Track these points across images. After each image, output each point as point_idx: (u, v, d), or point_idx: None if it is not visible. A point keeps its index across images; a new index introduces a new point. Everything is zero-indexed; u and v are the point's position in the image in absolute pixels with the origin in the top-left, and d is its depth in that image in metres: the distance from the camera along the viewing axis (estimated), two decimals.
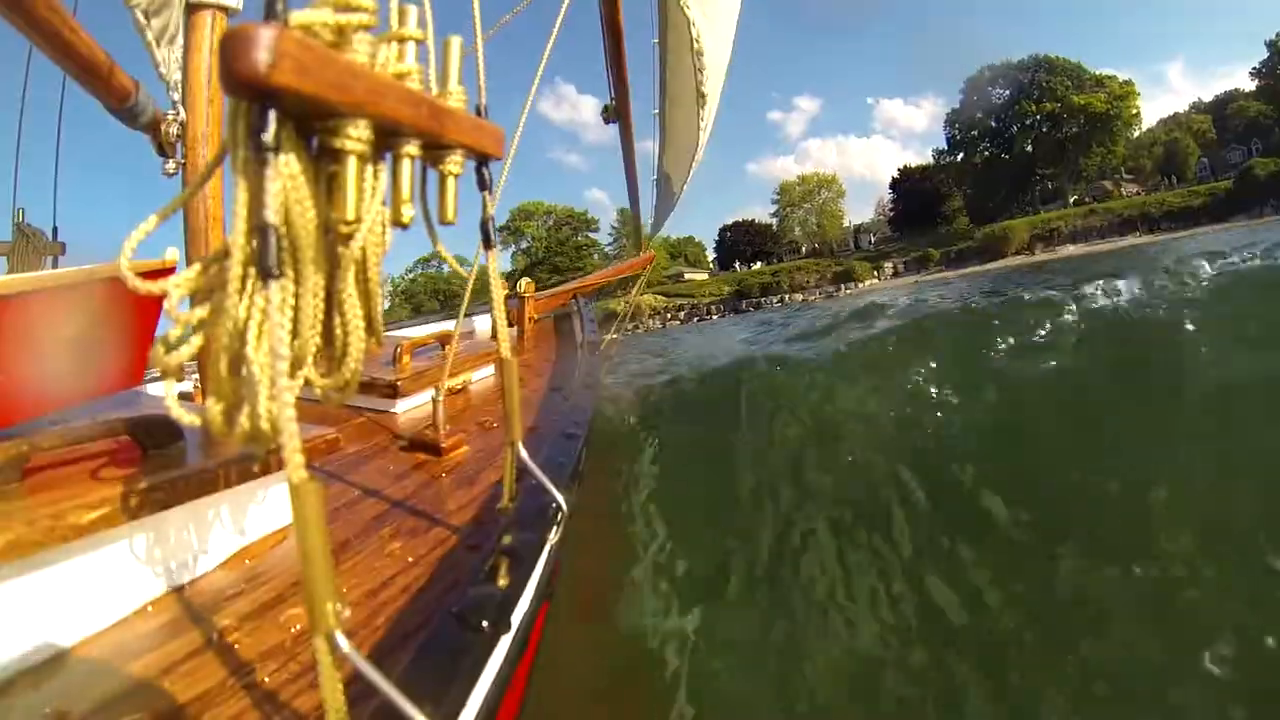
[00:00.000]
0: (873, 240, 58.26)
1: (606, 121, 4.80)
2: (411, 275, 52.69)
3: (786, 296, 46.27)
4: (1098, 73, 48.18)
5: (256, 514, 1.05)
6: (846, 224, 59.03)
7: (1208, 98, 53.45)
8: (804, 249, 57.80)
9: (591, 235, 56.28)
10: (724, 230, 61.20)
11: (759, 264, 55.82)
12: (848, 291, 44.40)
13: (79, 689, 0.71)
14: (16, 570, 0.74)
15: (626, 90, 4.50)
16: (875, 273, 47.79)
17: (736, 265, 57.55)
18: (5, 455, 0.85)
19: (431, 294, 50.74)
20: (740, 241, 58.83)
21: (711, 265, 61.52)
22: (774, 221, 59.29)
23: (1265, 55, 47.79)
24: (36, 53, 1.49)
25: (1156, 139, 50.16)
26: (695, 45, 3.92)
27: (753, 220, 60.75)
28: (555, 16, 1.92)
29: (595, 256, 54.68)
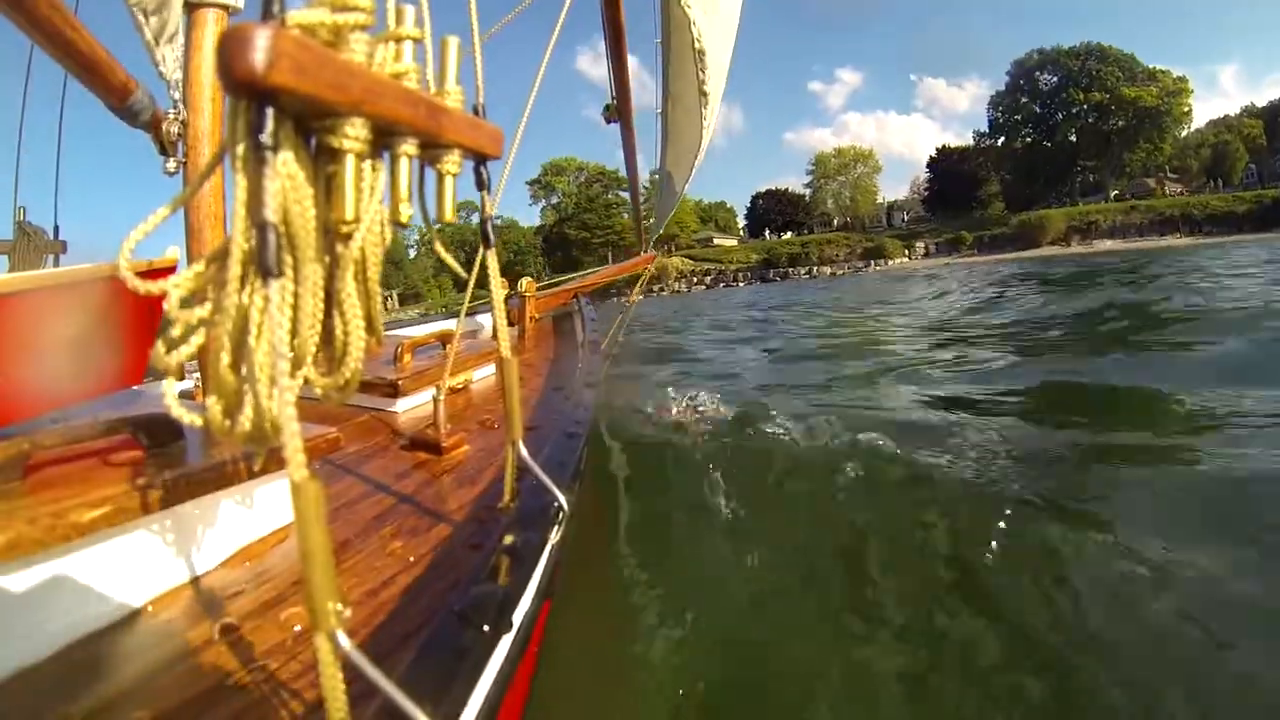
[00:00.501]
0: (905, 219, 57.81)
1: (608, 121, 4.79)
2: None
3: (815, 269, 45.93)
4: (1151, 67, 47.02)
5: (257, 513, 1.05)
6: (880, 200, 58.73)
7: (1261, 103, 52.70)
8: (835, 222, 57.38)
9: (622, 194, 56.04)
10: (756, 197, 60.74)
11: (789, 234, 55.31)
12: (877, 268, 43.94)
13: (79, 688, 0.71)
14: (17, 569, 0.74)
15: (628, 90, 4.49)
16: (906, 251, 47.27)
17: (767, 233, 56.93)
18: (6, 454, 0.85)
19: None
20: (772, 210, 58.43)
21: (741, 232, 60.88)
22: (807, 192, 58.83)
23: None
24: (37, 51, 1.49)
25: (1204, 140, 49.32)
26: (696, 45, 3.92)
27: (786, 189, 60.32)
28: (556, 16, 1.92)
29: (625, 215, 54.65)
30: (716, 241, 53.34)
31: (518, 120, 1.42)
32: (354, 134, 0.48)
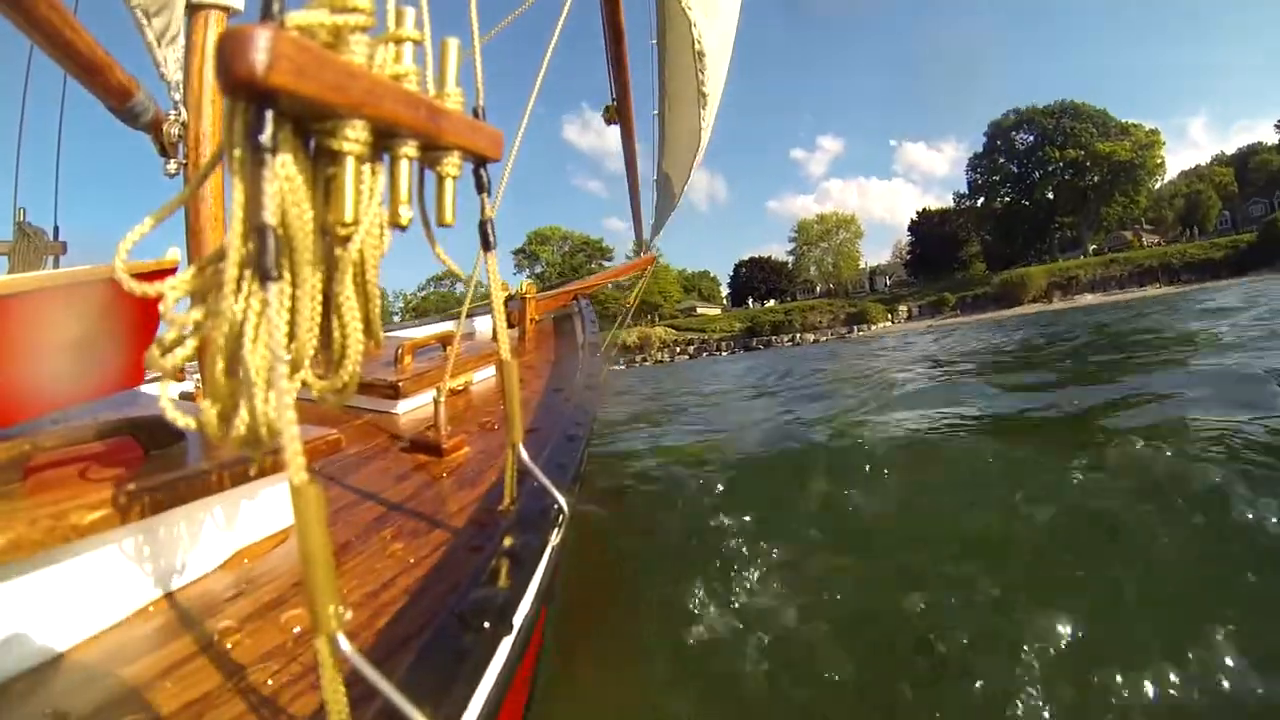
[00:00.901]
0: (888, 283, 58.52)
1: (608, 123, 4.79)
2: (424, 293, 53.54)
3: (798, 335, 46.14)
4: (1124, 121, 48.11)
5: (257, 515, 1.05)
6: (863, 265, 59.33)
7: (1230, 150, 53.75)
8: (818, 289, 58.12)
9: (606, 264, 56.68)
10: (739, 266, 61.29)
11: (772, 301, 56.00)
12: (860, 333, 44.23)
13: (79, 690, 0.71)
14: (17, 570, 0.74)
15: (628, 91, 4.49)
16: (889, 315, 47.58)
17: (750, 302, 57.69)
18: (6, 455, 0.85)
19: (441, 311, 50.50)
20: (755, 278, 59.06)
21: (725, 301, 61.67)
22: (790, 260, 59.45)
23: None
24: (37, 52, 1.49)
25: (1178, 191, 50.36)
26: (696, 45, 3.91)
27: (768, 257, 60.88)
28: (556, 18, 1.92)
29: (609, 287, 54.90)
30: (700, 310, 53.74)
31: (515, 123, 1.42)
32: (354, 136, 0.48)
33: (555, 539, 0.97)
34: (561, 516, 1.00)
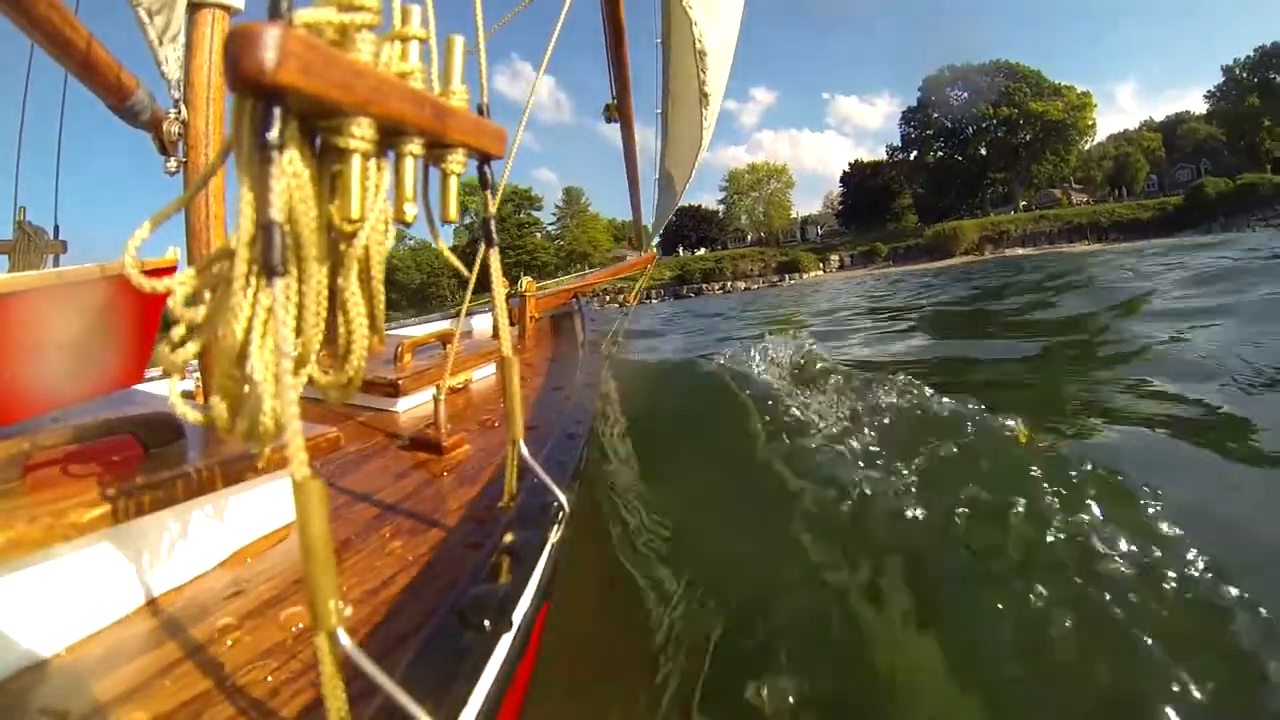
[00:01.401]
0: (820, 233, 58.46)
1: (608, 120, 4.80)
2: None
3: (729, 284, 45.82)
4: (1056, 83, 49.14)
5: (257, 512, 1.05)
6: (794, 215, 59.23)
7: (1159, 117, 55.46)
8: (749, 238, 57.80)
9: (534, 214, 56.14)
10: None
11: (703, 250, 55.55)
12: (791, 281, 44.03)
13: (79, 687, 0.71)
14: (17, 568, 0.74)
15: (628, 90, 4.50)
16: (821, 264, 47.49)
17: (680, 250, 57.14)
18: (6, 453, 0.85)
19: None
20: (686, 227, 58.54)
21: (656, 250, 61.92)
22: (721, 209, 59.19)
23: (1220, 80, 49.44)
24: (38, 51, 1.49)
25: (1106, 153, 51.76)
26: (698, 45, 3.92)
27: (699, 206, 60.15)
28: (557, 16, 1.92)
29: (538, 235, 54.72)
30: (630, 259, 53.39)
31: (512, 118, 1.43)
32: (360, 133, 0.48)
33: (555, 536, 0.97)
34: (562, 513, 1.00)
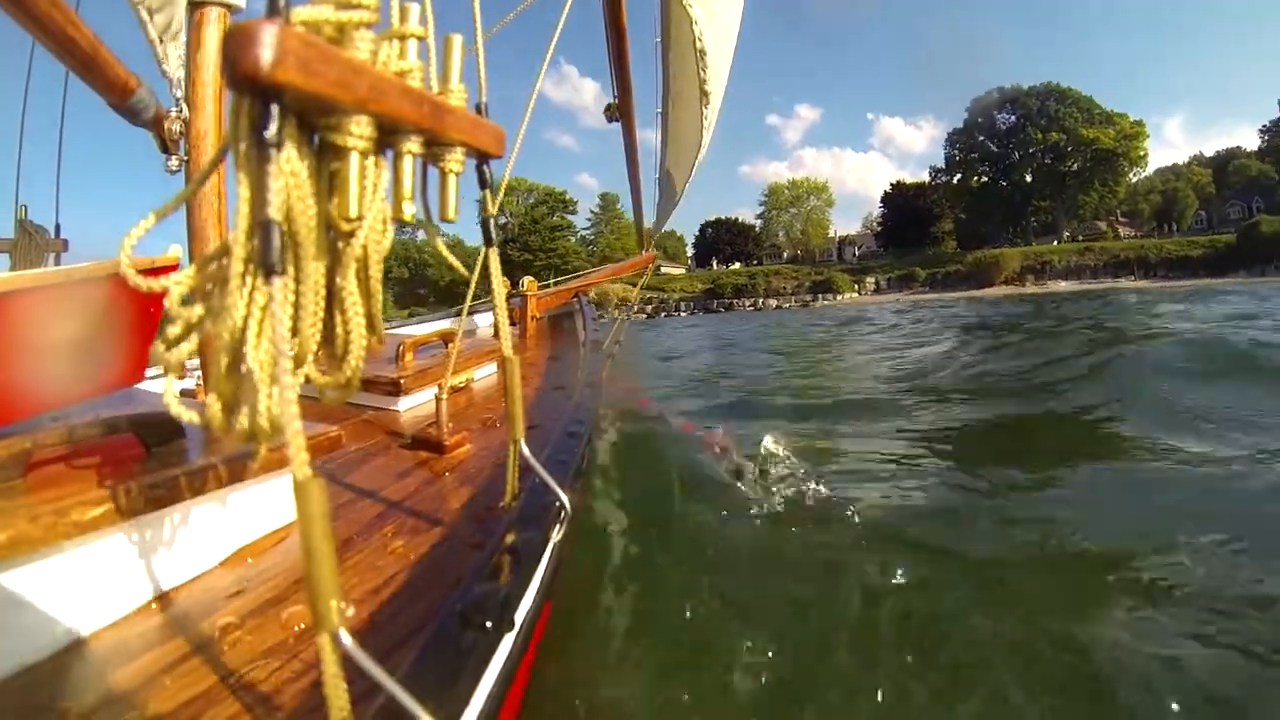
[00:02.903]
0: (857, 253, 57.69)
1: (610, 120, 4.79)
2: None
3: (760, 301, 44.94)
4: (1109, 110, 47.47)
5: (258, 511, 1.05)
6: (832, 234, 58.57)
7: (1209, 153, 54.14)
8: (785, 254, 57.22)
9: (569, 217, 55.62)
10: (705, 226, 59.76)
11: (737, 264, 54.96)
12: (825, 302, 43.29)
13: (80, 686, 0.71)
14: (19, 566, 0.74)
15: (629, 89, 4.49)
16: (856, 286, 46.52)
17: (714, 264, 56.55)
18: (7, 452, 0.85)
19: (403, 261, 50.13)
20: (721, 240, 57.94)
21: (689, 261, 60.48)
22: (758, 223, 58.63)
23: (1276, 115, 48.49)
24: (38, 48, 1.48)
25: (1154, 187, 50.48)
26: (698, 44, 3.91)
27: (736, 219, 59.74)
28: (558, 15, 1.92)
29: (571, 239, 54.18)
30: (664, 269, 51.93)
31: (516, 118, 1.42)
32: (358, 132, 0.48)
33: (557, 535, 0.97)
34: (563, 513, 1.00)
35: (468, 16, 1.03)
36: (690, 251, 61.59)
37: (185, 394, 2.23)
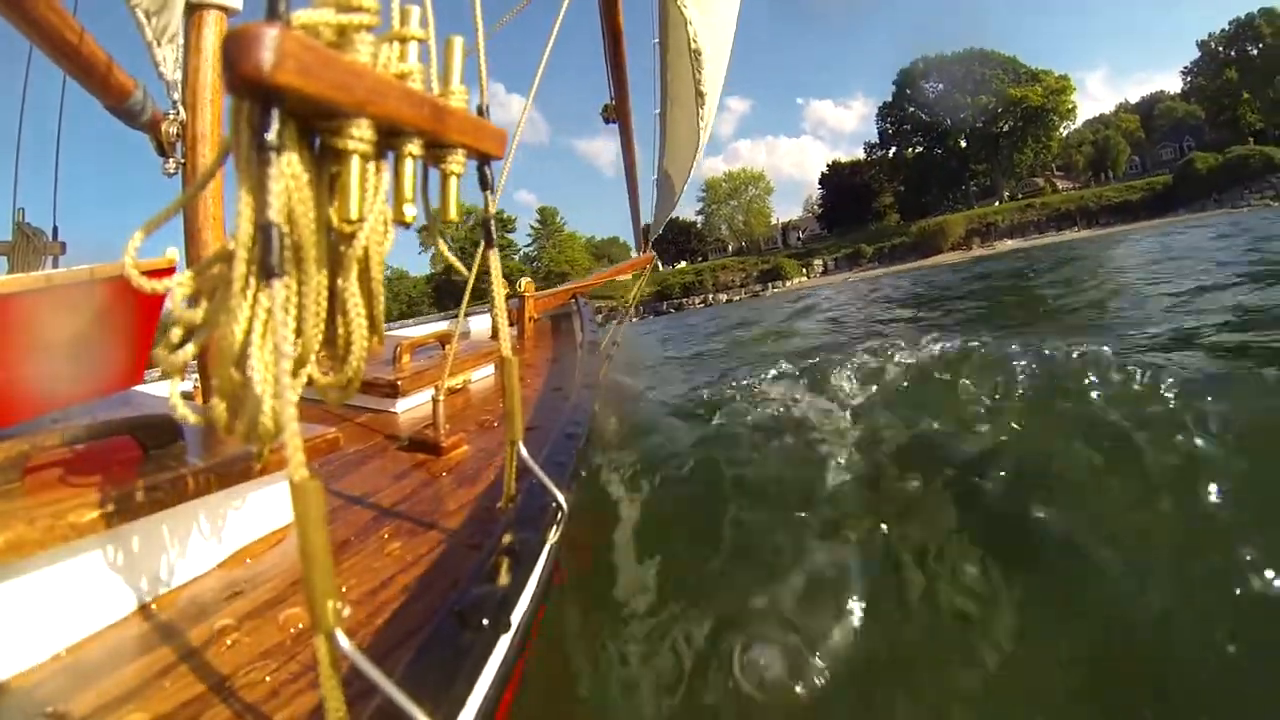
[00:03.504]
0: (801, 237, 57.21)
1: (606, 121, 4.80)
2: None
3: (710, 297, 44.03)
4: (1033, 68, 47.52)
5: (256, 513, 1.05)
6: (774, 221, 58.17)
7: (1134, 99, 54.72)
8: (730, 247, 56.74)
9: (508, 235, 54.27)
10: (646, 228, 59.72)
11: (683, 263, 54.02)
12: (775, 290, 42.55)
13: (78, 688, 0.71)
14: (16, 569, 0.74)
15: (626, 91, 4.50)
16: (804, 270, 45.76)
17: (659, 265, 56.49)
18: (6, 455, 0.85)
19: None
20: (664, 240, 57.19)
21: None
22: (699, 220, 57.98)
23: (1196, 56, 48.62)
24: (36, 52, 1.48)
25: (1085, 139, 50.74)
26: (693, 45, 3.92)
27: (676, 217, 59.06)
28: (555, 17, 1.92)
29: (514, 258, 53.30)
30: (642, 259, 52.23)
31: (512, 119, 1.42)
32: (359, 135, 0.48)
33: (554, 536, 0.97)
34: (560, 514, 1.00)
35: (468, 18, 1.03)
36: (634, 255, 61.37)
37: (183, 395, 2.22)
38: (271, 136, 0.42)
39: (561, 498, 1.01)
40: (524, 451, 0.97)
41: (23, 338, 1.18)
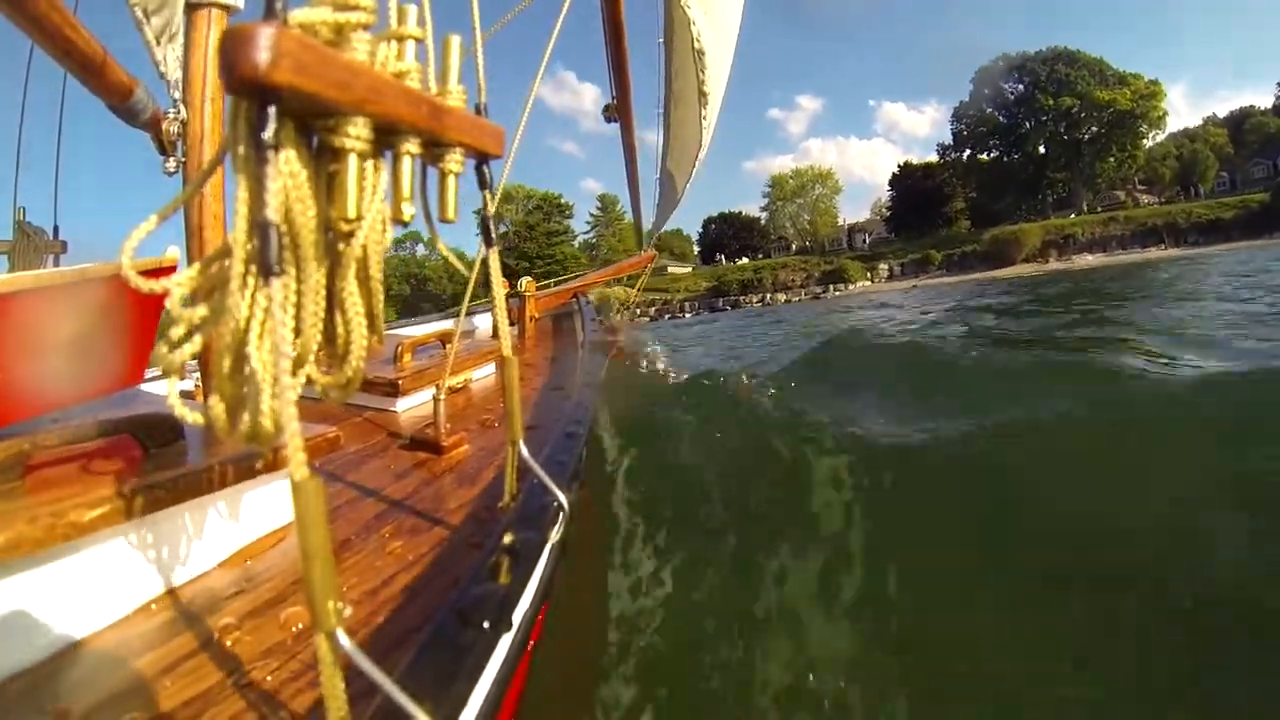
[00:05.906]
0: (867, 240, 56.00)
1: (608, 120, 4.80)
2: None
3: (769, 296, 42.53)
4: (1122, 70, 44.28)
5: (256, 512, 1.05)
6: (841, 222, 57.04)
7: (1222, 114, 51.90)
8: (794, 246, 55.51)
9: (565, 221, 54.14)
10: (708, 222, 57.61)
11: (744, 259, 52.74)
12: (836, 293, 41.08)
13: (80, 687, 0.71)
14: (18, 568, 0.74)
15: (628, 90, 4.50)
16: (869, 274, 44.17)
17: (721, 259, 54.50)
18: (6, 454, 0.85)
19: (404, 278, 49.54)
20: (725, 235, 56.15)
21: (697, 260, 58.35)
22: (763, 216, 56.87)
23: None
24: (37, 50, 1.48)
25: (1169, 152, 48.04)
26: (696, 45, 3.93)
27: (739, 212, 57.74)
28: (556, 16, 1.92)
29: (571, 244, 52.88)
30: (671, 269, 49.97)
31: (514, 118, 1.42)
32: (356, 133, 0.48)
33: (555, 536, 0.97)
34: (561, 513, 1.00)
35: (466, 17, 1.03)
36: (696, 249, 59.88)
37: (183, 395, 2.22)
38: (269, 135, 0.42)
39: (562, 497, 1.01)
40: (525, 451, 0.97)
41: (24, 336, 1.18)
